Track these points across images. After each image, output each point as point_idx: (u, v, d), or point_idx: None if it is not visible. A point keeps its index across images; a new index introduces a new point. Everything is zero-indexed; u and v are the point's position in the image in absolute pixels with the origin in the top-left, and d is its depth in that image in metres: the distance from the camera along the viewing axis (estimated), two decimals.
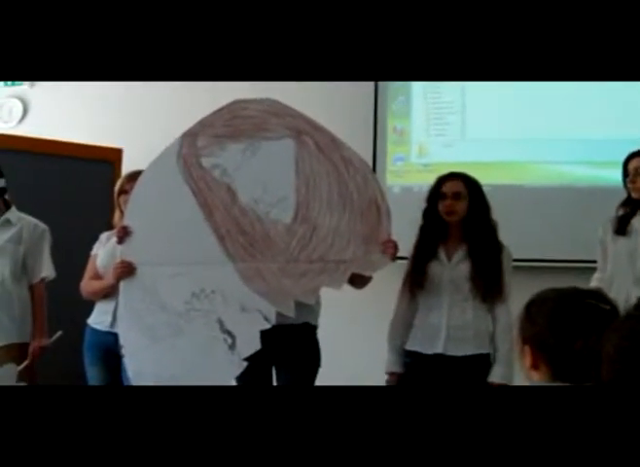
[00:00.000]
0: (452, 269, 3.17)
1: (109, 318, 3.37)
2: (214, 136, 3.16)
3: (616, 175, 3.47)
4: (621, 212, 3.35)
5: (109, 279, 3.30)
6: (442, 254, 3.20)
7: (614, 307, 1.61)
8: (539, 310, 1.63)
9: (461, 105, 4.52)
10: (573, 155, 4.37)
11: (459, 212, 3.16)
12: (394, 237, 3.01)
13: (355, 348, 4.49)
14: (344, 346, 4.33)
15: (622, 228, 3.31)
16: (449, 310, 3.14)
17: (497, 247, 3.17)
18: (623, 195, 3.37)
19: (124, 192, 3.45)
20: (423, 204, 3.26)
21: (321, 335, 3.19)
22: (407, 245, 3.24)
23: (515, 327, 1.71)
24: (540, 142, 4.40)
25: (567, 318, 1.59)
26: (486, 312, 3.15)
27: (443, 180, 3.22)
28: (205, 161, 3.15)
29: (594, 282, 3.35)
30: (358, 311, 4.44)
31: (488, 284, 3.11)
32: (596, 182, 4.30)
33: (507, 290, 3.15)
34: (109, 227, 3.61)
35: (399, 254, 3.05)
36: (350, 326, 4.54)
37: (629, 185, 3.30)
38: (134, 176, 3.36)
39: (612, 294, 2.71)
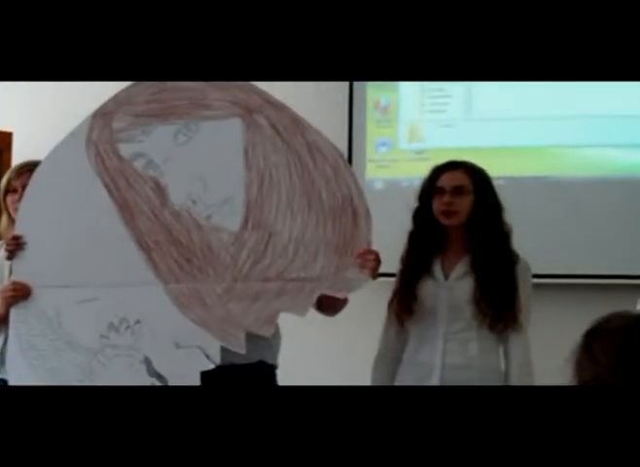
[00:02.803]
0: (451, 288, 3.30)
1: None
2: (135, 116, 3.28)
3: None
4: None
5: None
6: (437, 269, 3.33)
7: None
8: (602, 344, 1.71)
9: None
10: (616, 136, 4.53)
11: (461, 212, 3.28)
12: (376, 247, 3.12)
13: None
14: None
15: None
16: (446, 344, 3.27)
17: (510, 259, 3.31)
18: None
19: (12, 190, 3.56)
20: (414, 203, 3.39)
21: (282, 377, 3.32)
22: (393, 258, 3.39)
23: (570, 364, 1.77)
24: (571, 120, 4.56)
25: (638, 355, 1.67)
26: (496, 345, 3.30)
27: (439, 171, 3.35)
28: (124, 149, 3.26)
29: None
30: (331, 345, 4.55)
31: (498, 307, 3.23)
32: None
33: (524, 315, 3.27)
34: None
35: (383, 269, 3.15)
36: (321, 364, 4.65)
37: None
38: (27, 169, 3.47)
39: None
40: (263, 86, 3.21)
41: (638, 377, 1.64)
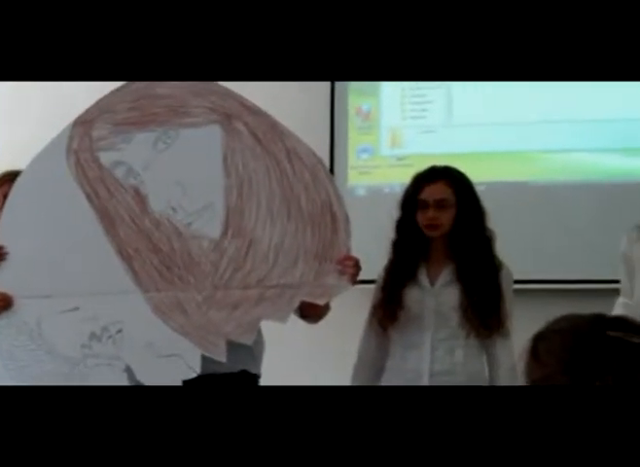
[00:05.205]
0: (436, 295, 3.32)
1: None
2: (115, 124, 3.26)
3: None
4: None
5: None
6: (422, 276, 3.35)
7: None
8: (548, 347, 1.68)
9: None
10: (598, 140, 4.53)
11: (444, 225, 3.31)
12: (358, 254, 3.11)
13: None
14: None
15: None
16: (433, 351, 3.29)
17: (493, 265, 3.33)
18: None
19: None
20: (396, 212, 3.40)
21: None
22: (375, 265, 3.39)
23: (518, 369, 1.78)
24: (552, 124, 4.56)
25: (585, 357, 1.63)
26: (481, 351, 3.32)
27: (421, 182, 3.36)
28: (104, 158, 3.24)
29: (619, 309, 3.47)
30: (311, 352, 4.56)
31: (484, 314, 3.26)
32: (631, 176, 4.48)
33: (508, 321, 3.31)
34: None
35: (366, 276, 3.17)
36: (302, 372, 4.65)
37: None
38: (8, 178, 3.44)
39: None
40: (244, 86, 3.20)
41: (584, 377, 1.62)
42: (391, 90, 4.75)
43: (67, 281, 3.22)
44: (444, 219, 3.30)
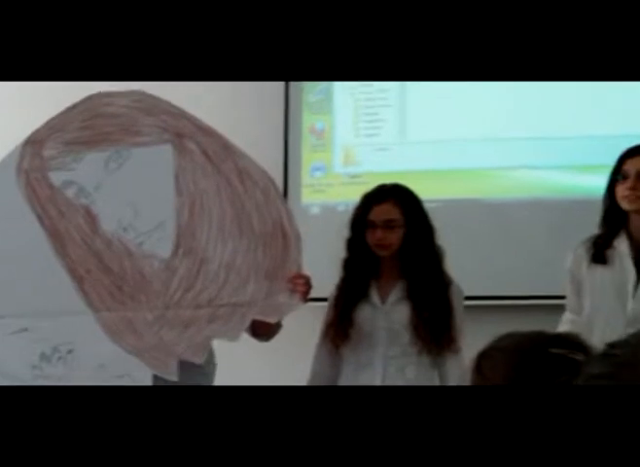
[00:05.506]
0: (387, 313, 3.34)
1: None
2: (66, 143, 3.25)
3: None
4: (598, 232, 3.39)
5: None
6: (373, 294, 3.37)
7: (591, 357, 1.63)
8: (492, 365, 1.70)
9: (399, 96, 4.70)
10: (550, 157, 4.55)
11: (393, 244, 3.34)
12: (313, 271, 3.14)
13: None
14: None
15: (599, 253, 3.38)
16: (384, 368, 3.30)
17: (442, 283, 3.36)
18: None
19: None
20: (346, 231, 3.41)
21: None
22: (330, 283, 3.42)
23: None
24: (503, 142, 4.58)
25: (528, 374, 1.66)
26: (433, 368, 3.34)
27: (370, 202, 3.38)
28: (55, 177, 3.24)
29: (566, 325, 3.43)
30: (263, 371, 4.57)
31: (436, 332, 3.28)
32: (580, 193, 4.49)
33: (459, 337, 3.33)
34: None
35: (318, 294, 3.19)
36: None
37: (625, 192, 3.28)
38: None
39: (595, 340, 2.79)
40: (198, 106, 3.19)
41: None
42: (345, 108, 4.76)
43: (18, 302, 3.20)
44: (393, 239, 3.33)
